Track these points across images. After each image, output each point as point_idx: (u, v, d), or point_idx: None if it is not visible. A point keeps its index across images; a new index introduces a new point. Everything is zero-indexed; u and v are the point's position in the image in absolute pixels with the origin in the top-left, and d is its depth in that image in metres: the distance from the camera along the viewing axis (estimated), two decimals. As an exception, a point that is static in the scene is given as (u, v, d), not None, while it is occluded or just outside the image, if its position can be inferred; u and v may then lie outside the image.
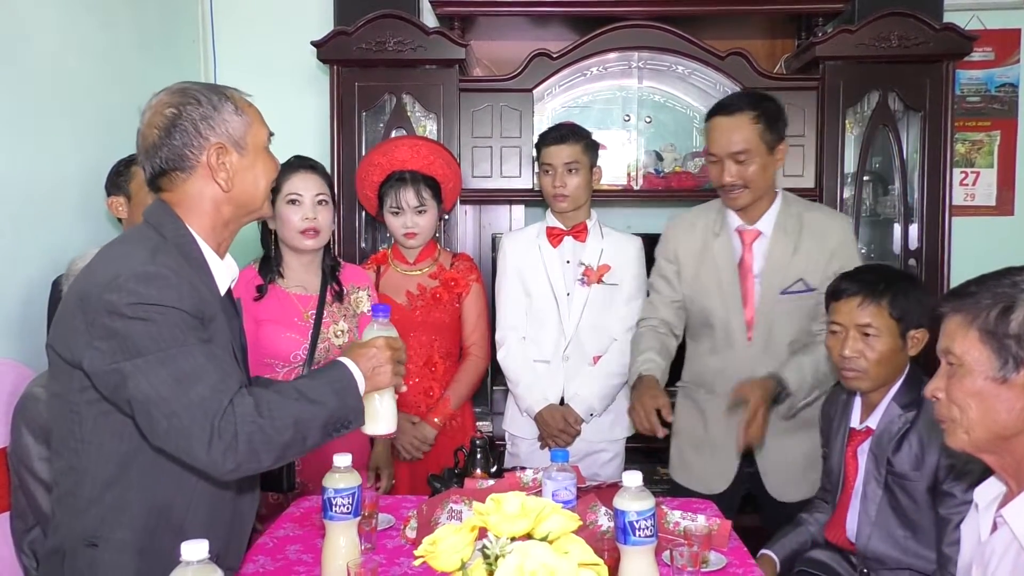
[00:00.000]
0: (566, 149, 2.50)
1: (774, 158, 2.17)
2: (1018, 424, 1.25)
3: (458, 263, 2.59)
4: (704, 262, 2.26)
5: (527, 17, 3.19)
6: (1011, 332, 1.23)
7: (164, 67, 3.20)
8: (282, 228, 2.25)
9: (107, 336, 1.30)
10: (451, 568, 1.09)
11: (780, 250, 2.19)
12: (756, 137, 2.12)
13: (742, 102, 2.17)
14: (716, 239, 2.25)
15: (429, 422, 2.48)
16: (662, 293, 2.34)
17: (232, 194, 1.46)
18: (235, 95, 1.48)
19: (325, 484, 1.55)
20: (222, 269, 1.49)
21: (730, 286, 2.22)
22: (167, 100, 1.44)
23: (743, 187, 2.15)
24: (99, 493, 1.37)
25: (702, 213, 2.34)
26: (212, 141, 1.43)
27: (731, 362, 2.22)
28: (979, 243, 3.35)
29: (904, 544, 1.86)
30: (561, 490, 1.58)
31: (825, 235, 2.19)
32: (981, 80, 3.55)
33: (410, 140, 2.62)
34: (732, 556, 1.68)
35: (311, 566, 1.65)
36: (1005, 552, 1.27)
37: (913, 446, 1.85)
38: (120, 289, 1.29)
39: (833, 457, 2.02)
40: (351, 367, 1.43)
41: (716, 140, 2.16)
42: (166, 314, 1.30)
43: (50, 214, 2.43)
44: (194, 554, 1.11)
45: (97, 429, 1.36)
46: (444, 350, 2.55)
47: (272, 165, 1.52)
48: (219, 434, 1.27)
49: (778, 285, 2.18)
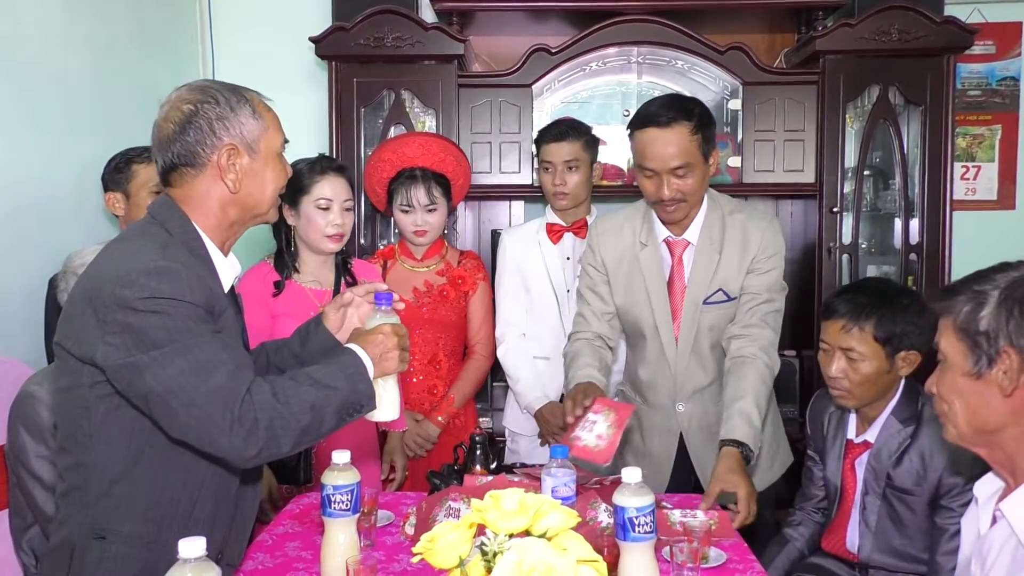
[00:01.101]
0: (566, 147, 2.49)
1: (709, 167, 2.05)
2: (998, 419, 1.26)
3: (466, 261, 2.58)
4: (633, 274, 2.15)
5: (526, 12, 3.18)
6: (981, 329, 1.24)
7: (162, 64, 3.19)
8: (307, 229, 2.24)
9: (121, 331, 1.31)
10: (449, 565, 1.09)
11: (704, 260, 2.10)
12: (695, 149, 1.98)
13: (675, 112, 1.99)
14: (644, 250, 2.14)
15: (433, 420, 2.48)
16: (592, 305, 2.21)
17: (239, 196, 1.47)
18: (255, 98, 1.49)
19: (324, 481, 1.55)
20: (226, 266, 1.51)
21: (658, 299, 2.12)
22: (186, 96, 1.45)
23: (681, 200, 2.02)
24: (107, 487, 1.38)
25: (628, 219, 2.19)
26: (225, 142, 1.44)
27: (662, 372, 2.16)
28: (980, 237, 3.34)
29: (902, 551, 1.88)
30: (560, 486, 1.57)
31: (746, 240, 2.09)
32: (982, 74, 3.54)
33: (421, 137, 2.60)
34: (732, 552, 1.68)
35: (310, 563, 1.65)
36: (1003, 546, 1.28)
37: (914, 462, 1.84)
38: (132, 284, 1.31)
39: (830, 469, 2.01)
40: (360, 353, 1.45)
41: (652, 155, 1.99)
42: (179, 307, 1.32)
43: (48, 211, 2.43)
44: (192, 551, 1.11)
45: (106, 424, 1.37)
46: (449, 348, 2.54)
47: (282, 172, 1.53)
48: (240, 421, 1.29)
49: (701, 295, 2.10)
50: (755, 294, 2.07)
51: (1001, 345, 1.23)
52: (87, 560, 1.37)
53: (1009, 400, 1.24)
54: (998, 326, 1.23)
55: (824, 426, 2.04)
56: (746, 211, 2.17)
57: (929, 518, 1.83)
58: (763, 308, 2.05)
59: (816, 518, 2.06)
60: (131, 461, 1.38)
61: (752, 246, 2.09)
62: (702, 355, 2.13)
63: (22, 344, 2.25)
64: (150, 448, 1.38)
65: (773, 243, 2.11)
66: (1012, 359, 1.22)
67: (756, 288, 2.07)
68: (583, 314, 2.23)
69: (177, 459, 1.40)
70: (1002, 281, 1.26)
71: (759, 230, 2.10)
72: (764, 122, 3.07)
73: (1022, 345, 1.21)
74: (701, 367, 2.13)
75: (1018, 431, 1.25)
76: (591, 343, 2.16)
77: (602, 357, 2.14)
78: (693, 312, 2.10)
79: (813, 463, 2.08)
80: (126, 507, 1.38)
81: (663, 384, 2.17)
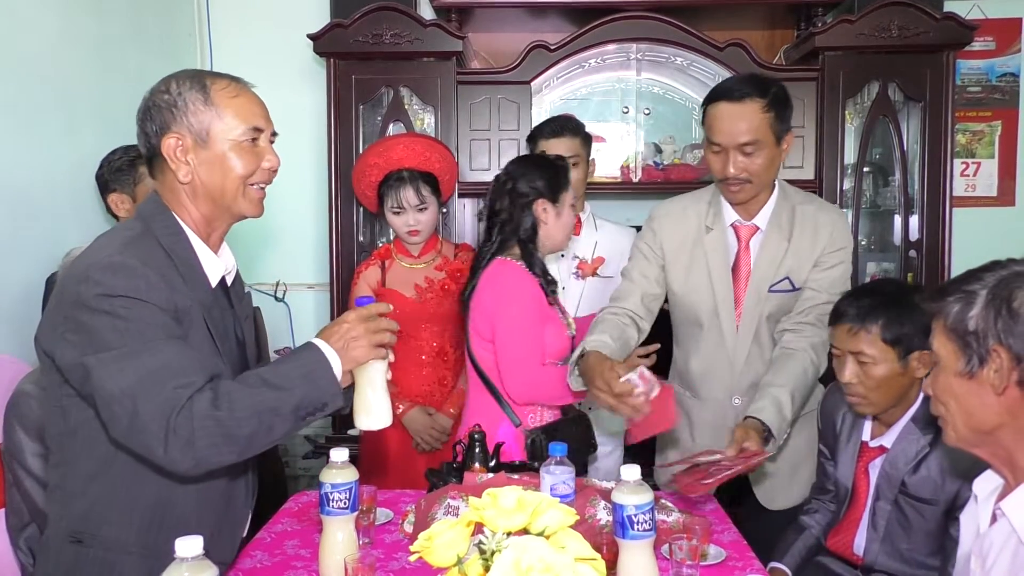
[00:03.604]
0: (564, 143, 2.48)
1: (781, 149, 2.00)
2: (993, 418, 1.25)
3: (462, 253, 2.61)
4: (695, 259, 2.09)
5: (525, 9, 3.18)
6: (970, 329, 1.24)
7: (160, 60, 3.18)
8: None
9: (76, 329, 1.29)
10: (447, 564, 1.08)
11: (773, 247, 2.05)
12: (766, 127, 1.94)
13: (751, 87, 1.95)
14: (708, 234, 2.09)
15: (445, 412, 2.50)
16: (637, 283, 2.14)
17: (196, 187, 1.43)
18: (216, 85, 1.44)
19: (322, 479, 1.54)
20: (215, 261, 1.48)
21: (721, 285, 2.07)
22: (154, 86, 1.44)
23: (747, 181, 1.98)
24: (83, 487, 1.37)
25: (693, 203, 2.15)
26: (172, 130, 1.41)
27: (718, 363, 2.11)
28: (980, 234, 3.33)
29: (908, 556, 1.85)
30: (559, 484, 1.57)
31: (816, 231, 2.05)
32: (982, 70, 3.54)
33: (405, 138, 2.62)
34: (731, 549, 1.67)
35: (308, 561, 1.64)
36: (1004, 544, 1.27)
37: (932, 471, 1.79)
38: (88, 280, 1.29)
39: (841, 469, 1.97)
40: (321, 346, 1.39)
41: (721, 129, 1.95)
42: (132, 307, 1.29)
43: (46, 209, 2.42)
44: (188, 550, 1.11)
45: (81, 423, 1.36)
46: (455, 339, 2.57)
47: (247, 162, 1.44)
48: (175, 431, 1.25)
49: (767, 282, 2.05)
50: (816, 291, 2.03)
51: (991, 344, 1.22)
52: (62, 562, 1.36)
53: (1002, 398, 1.24)
54: (987, 325, 1.23)
55: (837, 424, 2.00)
56: (816, 203, 2.13)
57: (942, 527, 1.78)
58: (821, 308, 1.99)
59: (831, 508, 2.02)
60: (107, 460, 1.36)
61: (822, 237, 2.04)
62: (762, 345, 2.07)
63: (19, 342, 2.24)
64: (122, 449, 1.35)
65: (843, 237, 2.07)
66: (1002, 357, 1.22)
67: (819, 284, 2.03)
68: (621, 292, 2.16)
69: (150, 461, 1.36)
70: (990, 280, 1.25)
71: (830, 223, 2.06)
72: (763, 119, 3.06)
73: (1011, 343, 1.21)
74: (761, 357, 2.07)
75: (1014, 429, 1.25)
76: (617, 316, 2.10)
77: (623, 330, 2.06)
78: (757, 299, 2.06)
79: (825, 459, 2.04)
80: (104, 508, 1.36)
81: (720, 376, 2.11)
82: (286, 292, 3.59)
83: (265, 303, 3.46)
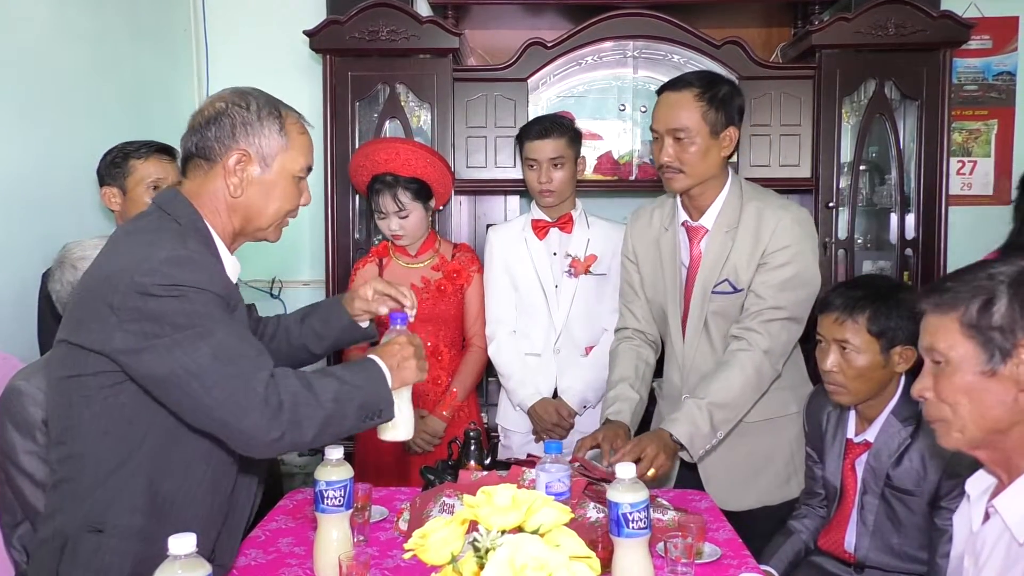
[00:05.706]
0: (550, 144, 2.47)
1: (718, 143, 1.98)
2: (1010, 416, 1.24)
3: (459, 254, 2.60)
4: (655, 259, 2.15)
5: (521, 6, 3.17)
6: (995, 324, 1.23)
7: (155, 57, 3.17)
8: None
9: (139, 317, 1.31)
10: (441, 561, 1.08)
11: (717, 247, 2.03)
12: (698, 116, 1.95)
13: (691, 78, 2.01)
14: (664, 234, 2.13)
15: (438, 415, 2.50)
16: (626, 297, 2.21)
17: (239, 203, 1.49)
18: (290, 118, 1.52)
19: (317, 476, 1.54)
20: (231, 261, 1.52)
21: (672, 284, 2.10)
22: (226, 95, 1.50)
23: (679, 170, 1.98)
24: (103, 478, 1.37)
25: (659, 205, 2.19)
26: (240, 146, 1.46)
27: (672, 361, 2.14)
28: (976, 232, 3.32)
29: (899, 550, 1.87)
30: (554, 482, 1.57)
31: (758, 230, 2.00)
32: (979, 68, 3.54)
33: (390, 142, 2.60)
34: (726, 547, 1.67)
35: (303, 559, 1.64)
36: (996, 542, 1.27)
37: (914, 462, 1.83)
38: (152, 272, 1.31)
39: (829, 468, 1.99)
40: (378, 361, 1.47)
41: (657, 115, 2.00)
42: (198, 295, 1.33)
43: (41, 205, 2.41)
44: (182, 548, 1.11)
45: (104, 414, 1.37)
46: (449, 339, 2.57)
47: (294, 196, 1.54)
48: (266, 401, 1.30)
49: (709, 284, 2.04)
50: (760, 297, 1.98)
51: (1018, 338, 1.21)
52: (80, 552, 1.36)
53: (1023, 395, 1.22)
54: (1013, 319, 1.22)
55: (823, 424, 2.02)
56: (767, 200, 2.05)
57: (928, 518, 1.82)
58: (766, 314, 1.96)
59: (820, 512, 2.05)
60: (127, 453, 1.38)
61: (764, 236, 1.99)
62: (714, 345, 2.07)
63: (14, 338, 2.24)
64: (147, 441, 1.38)
65: (788, 235, 1.98)
66: None
67: (762, 288, 1.98)
68: (622, 310, 2.26)
69: (175, 454, 1.40)
70: (1006, 275, 1.24)
71: (774, 219, 1.99)
72: (760, 117, 3.06)
73: None
74: (712, 356, 2.06)
75: None
76: (631, 342, 2.19)
77: (640, 360, 2.16)
78: (701, 299, 2.06)
79: (812, 461, 2.06)
80: (122, 499, 1.37)
81: (674, 376, 2.15)
82: (281, 289, 3.59)
83: (260, 300, 3.46)
